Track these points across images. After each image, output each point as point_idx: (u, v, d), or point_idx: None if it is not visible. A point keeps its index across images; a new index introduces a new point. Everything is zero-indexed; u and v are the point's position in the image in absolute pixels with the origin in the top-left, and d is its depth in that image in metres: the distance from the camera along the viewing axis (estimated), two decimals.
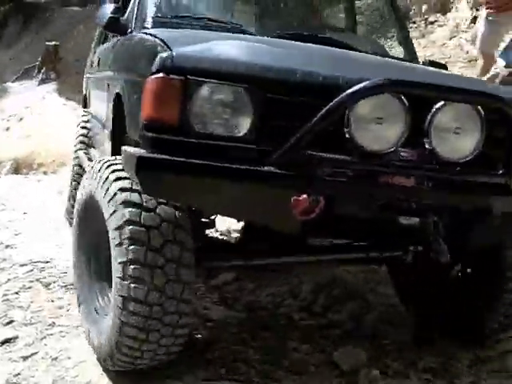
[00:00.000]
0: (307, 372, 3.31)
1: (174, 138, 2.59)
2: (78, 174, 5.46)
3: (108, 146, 3.78)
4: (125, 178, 2.85)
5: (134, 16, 3.80)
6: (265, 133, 2.65)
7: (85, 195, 3.22)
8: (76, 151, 5.63)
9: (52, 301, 4.03)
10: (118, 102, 3.41)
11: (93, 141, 5.34)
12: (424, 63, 4.43)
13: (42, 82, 12.94)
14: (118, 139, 3.46)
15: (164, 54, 2.65)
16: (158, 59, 2.65)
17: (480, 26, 7.48)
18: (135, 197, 2.80)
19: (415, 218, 2.78)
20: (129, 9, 3.99)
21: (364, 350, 3.53)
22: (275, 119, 2.66)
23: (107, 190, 2.87)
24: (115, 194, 2.82)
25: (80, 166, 5.46)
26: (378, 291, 4.40)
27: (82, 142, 5.61)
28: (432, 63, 4.41)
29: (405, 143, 2.71)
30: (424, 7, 10.55)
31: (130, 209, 2.77)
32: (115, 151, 3.47)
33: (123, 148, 2.77)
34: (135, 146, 2.80)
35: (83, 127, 5.72)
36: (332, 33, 4.40)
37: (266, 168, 2.60)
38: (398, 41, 4.58)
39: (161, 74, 2.61)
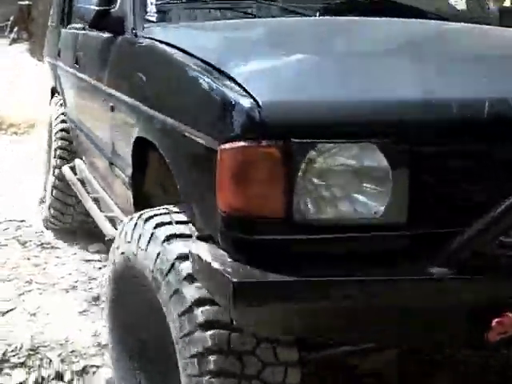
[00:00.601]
0: None
1: (277, 238, 1.70)
2: (61, 191, 4.46)
3: (126, 192, 2.74)
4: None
5: (131, 6, 2.79)
6: (417, 209, 1.73)
7: (126, 271, 2.26)
8: (57, 167, 4.44)
9: (28, 259, 4.08)
10: (140, 145, 2.47)
11: (78, 150, 4.27)
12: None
13: (14, 41, 12.80)
14: (140, 186, 2.62)
15: (244, 104, 1.71)
16: (236, 116, 1.71)
17: None
18: (220, 314, 1.85)
19: None
20: None
21: None
22: (432, 185, 1.75)
23: (178, 299, 1.92)
24: (191, 309, 1.89)
25: (62, 182, 4.39)
26: None
27: (61, 157, 4.44)
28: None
29: None
30: None
31: (212, 331, 1.86)
32: (138, 201, 2.61)
33: (193, 251, 1.86)
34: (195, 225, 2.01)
35: (62, 138, 4.50)
36: None
37: (435, 270, 1.69)
38: None
39: (246, 143, 1.68)
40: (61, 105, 4.58)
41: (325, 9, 2.84)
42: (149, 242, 2.05)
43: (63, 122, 4.50)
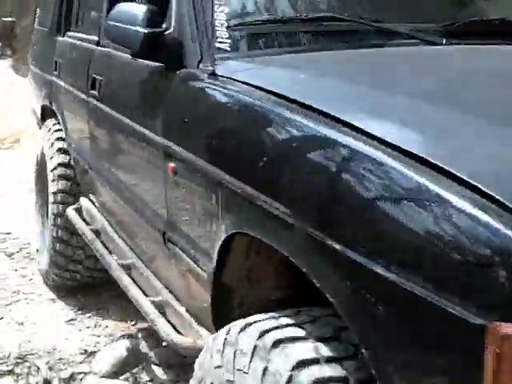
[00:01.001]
0: None
1: None
2: (65, 243, 3.65)
3: (191, 282, 2.07)
4: None
5: (194, 29, 2.09)
6: None
7: None
8: (58, 214, 3.60)
9: (16, 270, 4.14)
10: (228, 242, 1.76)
11: (83, 187, 3.54)
12: None
13: None
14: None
15: None
16: None
17: None
18: None
19: None
20: (173, 10, 2.19)
21: None
22: None
23: None
24: None
25: (65, 231, 3.61)
26: None
27: (63, 202, 3.59)
28: None
29: None
30: None
31: None
32: (217, 300, 1.88)
33: None
34: None
35: (63, 177, 3.63)
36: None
37: None
38: None
39: None
40: (58, 138, 3.73)
41: (451, 33, 2.17)
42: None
43: (63, 152, 3.66)
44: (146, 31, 2.09)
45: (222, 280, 1.85)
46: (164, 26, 2.18)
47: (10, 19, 13.42)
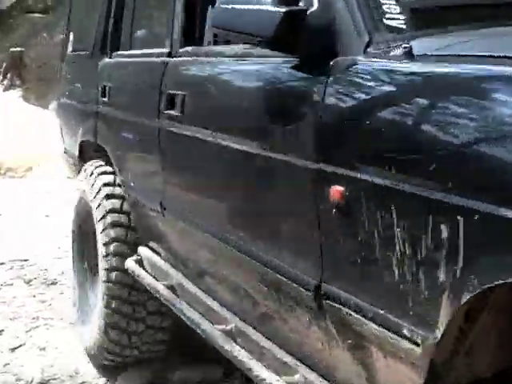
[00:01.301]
0: None
1: None
2: (122, 303, 3.01)
3: (407, 374, 1.45)
4: None
5: (349, 1, 1.57)
6: None
7: None
8: (113, 269, 3.01)
9: (34, 296, 4.13)
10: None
11: (143, 234, 3.00)
12: None
13: (8, 88, 12.95)
14: None
15: None
16: None
17: None
18: None
19: None
20: None
21: None
22: None
23: None
24: None
25: (122, 291, 3.00)
26: None
27: (118, 241, 3.03)
28: None
29: None
30: None
31: None
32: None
33: None
34: None
35: (116, 224, 3.03)
36: None
37: None
38: None
39: None
40: (108, 184, 3.11)
41: None
42: None
43: (114, 197, 3.08)
44: (284, 10, 1.58)
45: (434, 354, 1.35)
46: (301, 4, 1.67)
47: (18, 49, 13.54)
